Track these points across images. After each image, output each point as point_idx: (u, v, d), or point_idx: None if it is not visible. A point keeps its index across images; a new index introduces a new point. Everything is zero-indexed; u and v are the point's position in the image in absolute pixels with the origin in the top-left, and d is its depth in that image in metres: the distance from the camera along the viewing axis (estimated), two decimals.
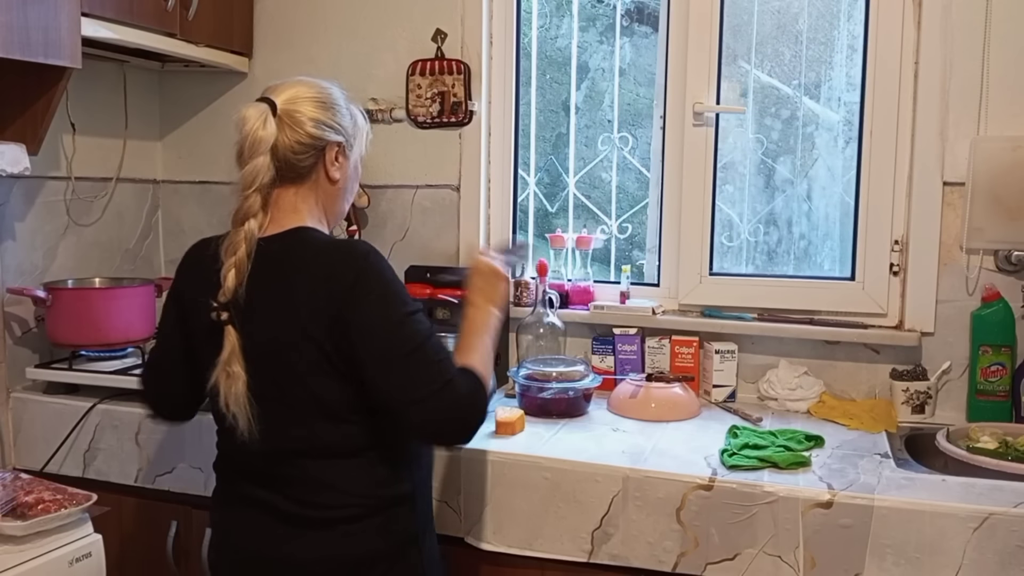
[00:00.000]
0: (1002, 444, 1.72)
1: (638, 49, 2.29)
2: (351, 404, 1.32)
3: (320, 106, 1.39)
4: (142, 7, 1.99)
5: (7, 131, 1.91)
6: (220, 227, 2.48)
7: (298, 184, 1.40)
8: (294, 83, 1.42)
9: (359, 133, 1.49)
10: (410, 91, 2.28)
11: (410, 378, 1.28)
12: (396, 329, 1.29)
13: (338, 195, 1.46)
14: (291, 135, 1.36)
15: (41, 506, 1.55)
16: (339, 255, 1.32)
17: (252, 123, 1.35)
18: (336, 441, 1.33)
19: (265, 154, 1.34)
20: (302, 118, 1.37)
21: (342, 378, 1.30)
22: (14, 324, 2.09)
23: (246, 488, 1.39)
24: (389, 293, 1.31)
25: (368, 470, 1.35)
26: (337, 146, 1.42)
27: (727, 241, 2.19)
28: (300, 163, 1.38)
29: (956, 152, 1.91)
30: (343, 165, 1.44)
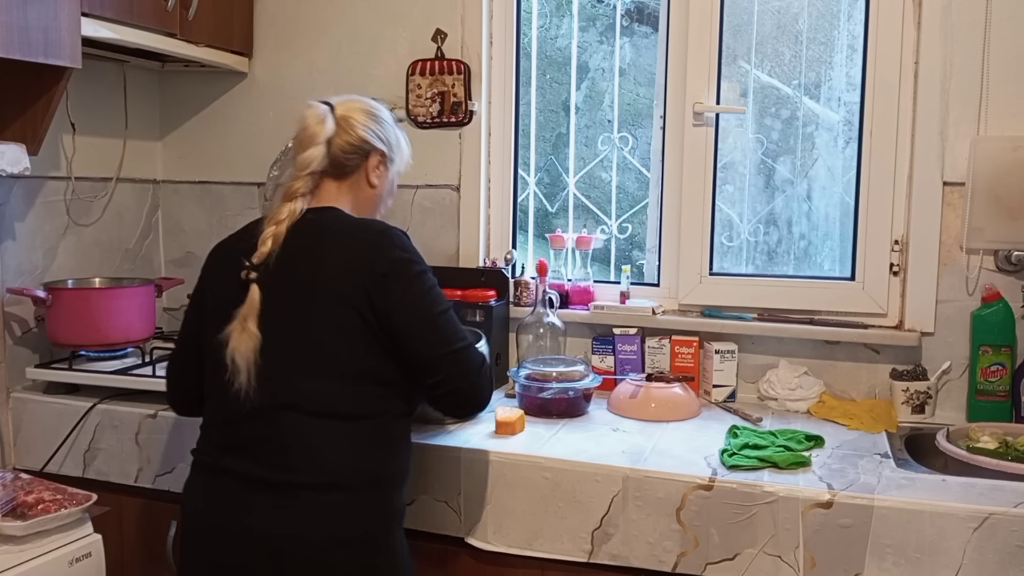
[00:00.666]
0: (1002, 444, 1.72)
1: (638, 49, 2.29)
2: (364, 367, 1.40)
3: (371, 118, 1.59)
4: (142, 7, 1.99)
5: (7, 131, 1.91)
6: (220, 227, 2.51)
7: (340, 180, 1.56)
8: (352, 98, 1.62)
9: (401, 152, 1.66)
10: (410, 91, 2.28)
11: (442, 334, 1.43)
12: (427, 293, 1.44)
13: (373, 201, 1.62)
14: (343, 136, 1.54)
15: (41, 506, 1.55)
16: (370, 229, 1.48)
17: (313, 118, 1.53)
18: (334, 401, 1.39)
19: (321, 145, 1.52)
20: (355, 123, 1.56)
21: (367, 341, 1.40)
22: (14, 324, 2.09)
23: (222, 459, 1.42)
24: (418, 265, 1.47)
25: (356, 440, 1.40)
26: (380, 155, 1.59)
27: (727, 241, 2.19)
28: (347, 162, 1.55)
29: (956, 152, 1.91)
30: (383, 174, 1.61)
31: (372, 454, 1.42)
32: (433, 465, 1.69)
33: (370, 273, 1.40)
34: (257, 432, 1.40)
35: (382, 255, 1.42)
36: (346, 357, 1.40)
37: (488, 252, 2.30)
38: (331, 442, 1.39)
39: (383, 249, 1.43)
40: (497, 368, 2.14)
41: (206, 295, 1.53)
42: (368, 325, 1.40)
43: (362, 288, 1.40)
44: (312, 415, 1.38)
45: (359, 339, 1.40)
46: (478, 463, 1.66)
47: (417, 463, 1.69)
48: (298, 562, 1.35)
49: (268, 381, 1.39)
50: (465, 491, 1.67)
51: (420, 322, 1.42)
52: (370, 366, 1.41)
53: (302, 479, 1.37)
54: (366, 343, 1.40)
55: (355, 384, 1.41)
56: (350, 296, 1.39)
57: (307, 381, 1.39)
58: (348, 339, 1.40)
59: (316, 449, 1.38)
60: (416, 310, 1.42)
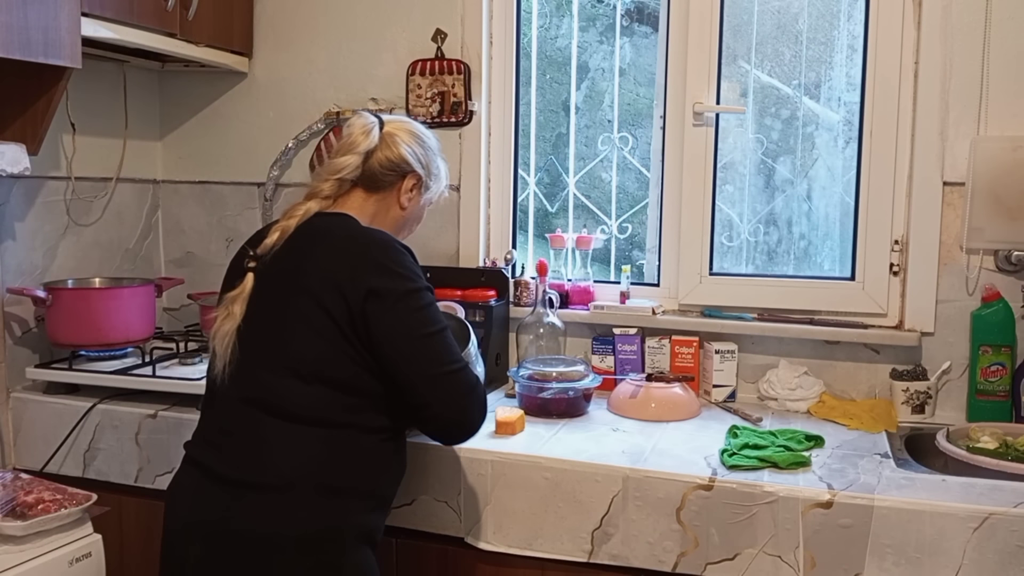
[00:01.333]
0: (1002, 444, 1.72)
1: (638, 49, 2.29)
2: (332, 374, 1.37)
3: (417, 141, 1.59)
4: (142, 7, 1.99)
5: (7, 131, 1.91)
6: (220, 227, 2.51)
7: (370, 193, 1.55)
8: (404, 119, 1.64)
9: (439, 182, 1.65)
10: (410, 91, 2.28)
11: (428, 356, 1.39)
12: (417, 312, 1.40)
13: (397, 222, 1.60)
14: (385, 151, 1.54)
15: (41, 506, 1.55)
16: (368, 240, 1.44)
17: (359, 127, 1.54)
18: (295, 402, 1.36)
19: (358, 155, 1.51)
20: (399, 141, 1.56)
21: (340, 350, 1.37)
22: (14, 324, 2.09)
23: (193, 449, 1.44)
24: (412, 282, 1.41)
25: (310, 446, 1.36)
26: (417, 178, 1.58)
27: (727, 241, 2.19)
28: (382, 178, 1.54)
29: (956, 152, 1.92)
30: (415, 198, 1.60)
31: (329, 464, 1.36)
32: (433, 465, 1.69)
33: (355, 283, 1.36)
34: (223, 424, 1.41)
35: (373, 267, 1.38)
36: (312, 360, 1.37)
37: (488, 252, 2.30)
38: (284, 444, 1.36)
39: (375, 261, 1.39)
40: (497, 368, 2.14)
41: (222, 289, 1.52)
42: (344, 335, 1.36)
43: (343, 297, 1.36)
44: (272, 414, 1.37)
45: (331, 346, 1.36)
46: (478, 463, 1.66)
47: (417, 463, 1.69)
48: (240, 560, 1.33)
49: (239, 372, 1.39)
50: (465, 491, 1.67)
51: (405, 342, 1.37)
52: (340, 375, 1.37)
53: (252, 478, 1.35)
54: (338, 352, 1.37)
55: (320, 389, 1.37)
56: (329, 302, 1.36)
57: (272, 378, 1.38)
58: (319, 344, 1.37)
59: (270, 449, 1.36)
60: (402, 329, 1.37)
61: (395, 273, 1.39)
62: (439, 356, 1.40)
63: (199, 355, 2.07)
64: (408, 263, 1.43)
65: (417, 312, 1.39)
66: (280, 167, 2.42)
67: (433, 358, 1.39)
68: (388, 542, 1.75)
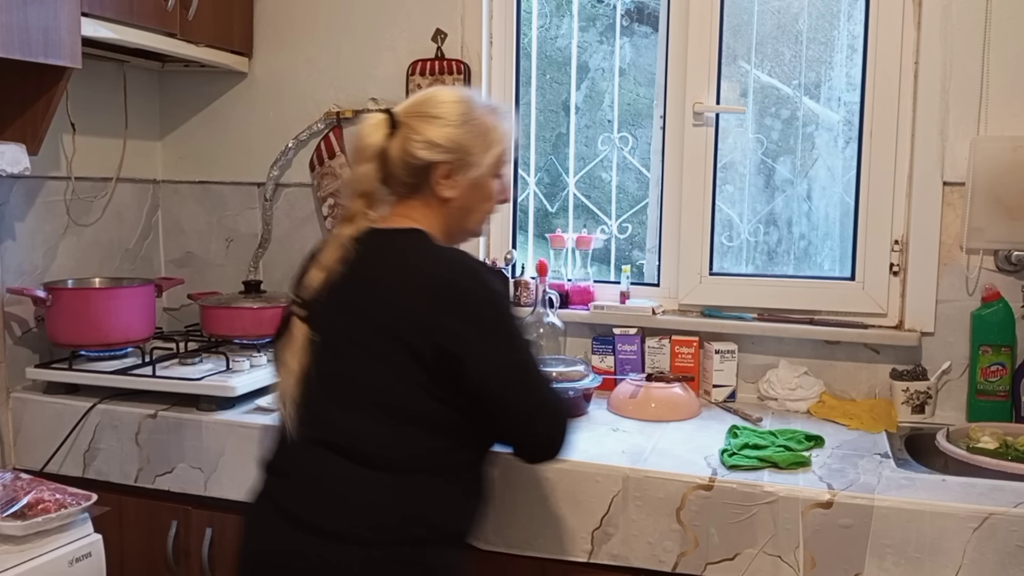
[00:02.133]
0: (1002, 444, 1.72)
1: (638, 49, 2.29)
2: (413, 411, 1.28)
3: (435, 122, 1.37)
4: (142, 7, 1.99)
5: (7, 131, 1.91)
6: (220, 227, 2.51)
7: (413, 197, 1.40)
8: (419, 97, 1.41)
9: (483, 152, 1.40)
10: (410, 91, 2.28)
11: (525, 385, 1.31)
12: (510, 340, 1.31)
13: (456, 215, 1.42)
14: (397, 151, 1.37)
15: (41, 506, 1.55)
16: (453, 269, 1.31)
17: (366, 128, 1.37)
18: (375, 444, 1.27)
19: (371, 162, 1.36)
20: (410, 136, 1.36)
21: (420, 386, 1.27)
22: (14, 324, 2.09)
23: (270, 481, 1.36)
24: (501, 310, 1.31)
25: (393, 491, 1.27)
26: (445, 167, 1.37)
27: (727, 241, 2.19)
28: (408, 179, 1.38)
29: (956, 152, 1.91)
30: (456, 184, 1.39)
31: (405, 510, 1.27)
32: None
33: (433, 320, 1.25)
34: (296, 461, 1.31)
35: (450, 303, 1.27)
36: (387, 398, 1.28)
37: (488, 252, 2.30)
38: (358, 488, 1.26)
39: (451, 296, 1.27)
40: None
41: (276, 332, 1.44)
42: (424, 372, 1.26)
43: (421, 333, 1.25)
44: (344, 456, 1.27)
45: (407, 383, 1.27)
46: None
47: None
48: None
49: (308, 413, 1.30)
50: None
51: (502, 374, 1.28)
52: (419, 412, 1.28)
53: (323, 522, 1.26)
54: (415, 389, 1.27)
55: (398, 429, 1.27)
56: (405, 338, 1.26)
57: (345, 418, 1.28)
58: (393, 381, 1.27)
59: (341, 493, 1.27)
60: (499, 360, 1.28)
61: (475, 302, 1.28)
62: (534, 383, 1.32)
63: (199, 355, 2.08)
64: (485, 287, 1.30)
65: (506, 341, 1.30)
66: (280, 167, 2.42)
67: (530, 386, 1.31)
68: None
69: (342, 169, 2.31)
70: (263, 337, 2.17)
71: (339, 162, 2.32)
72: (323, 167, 2.35)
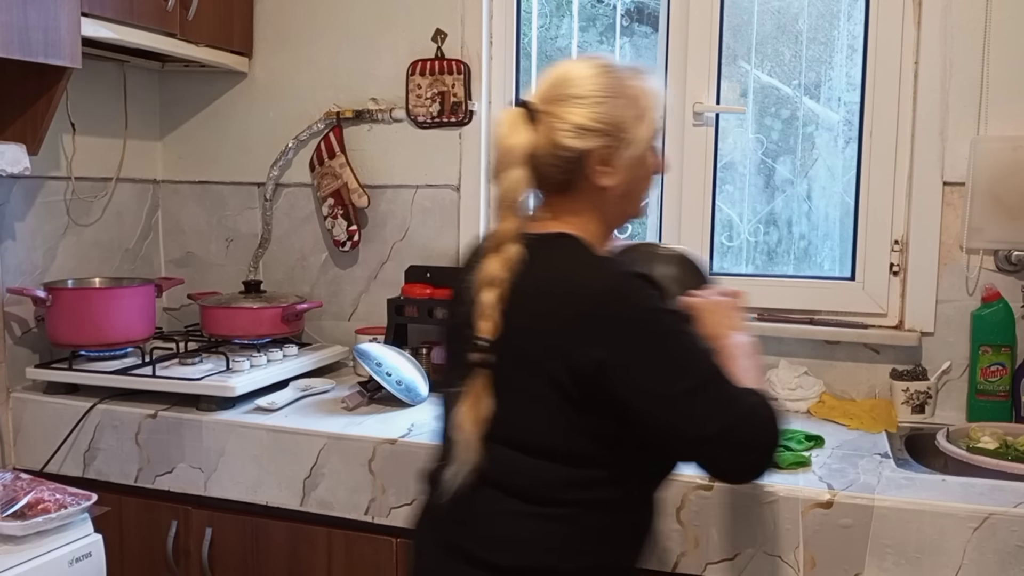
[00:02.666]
0: (1002, 444, 1.72)
1: (638, 49, 2.29)
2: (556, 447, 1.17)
3: (574, 104, 1.19)
4: (142, 7, 1.99)
5: (7, 131, 1.91)
6: (220, 227, 2.51)
7: (565, 194, 1.23)
8: (557, 76, 1.21)
9: (638, 124, 1.21)
10: (410, 91, 2.28)
11: (694, 416, 1.12)
12: (671, 362, 1.13)
13: (615, 204, 1.25)
14: (543, 144, 1.19)
15: (41, 506, 1.55)
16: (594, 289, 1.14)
17: (504, 128, 1.20)
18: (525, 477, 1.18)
19: (519, 165, 1.18)
20: (554, 124, 1.18)
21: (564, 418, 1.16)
22: (14, 324, 2.09)
23: (429, 500, 1.32)
24: (657, 323, 1.14)
25: (545, 527, 1.18)
26: (600, 153, 1.19)
27: (727, 241, 2.19)
28: (560, 175, 1.21)
29: (956, 152, 1.91)
30: (616, 170, 1.20)
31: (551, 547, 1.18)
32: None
33: (583, 347, 1.12)
34: (462, 496, 1.21)
35: (601, 326, 1.12)
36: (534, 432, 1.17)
37: None
38: (509, 521, 1.19)
39: (602, 317, 1.12)
40: None
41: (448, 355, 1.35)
42: (574, 406, 1.14)
43: (570, 363, 1.12)
44: (496, 487, 1.19)
45: (556, 417, 1.15)
46: None
47: (417, 463, 1.69)
48: None
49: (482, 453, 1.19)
50: None
51: (669, 405, 1.12)
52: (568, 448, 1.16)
53: (491, 557, 1.19)
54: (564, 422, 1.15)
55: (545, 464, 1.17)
56: (553, 369, 1.13)
57: (495, 450, 1.18)
58: (543, 414, 1.16)
59: (493, 525, 1.20)
60: (661, 389, 1.12)
61: (635, 320, 1.13)
62: (713, 410, 1.12)
63: (199, 355, 2.07)
64: (645, 301, 1.14)
65: (667, 365, 1.13)
66: (280, 167, 2.42)
67: (706, 416, 1.12)
68: (388, 542, 1.75)
69: (342, 169, 2.31)
70: (263, 337, 2.17)
71: (339, 162, 2.32)
72: (323, 167, 2.35)
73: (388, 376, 1.93)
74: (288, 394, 1.98)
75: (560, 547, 1.18)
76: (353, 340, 2.24)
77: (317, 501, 1.79)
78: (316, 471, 1.78)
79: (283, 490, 1.81)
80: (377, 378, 1.92)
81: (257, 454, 1.83)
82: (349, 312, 2.41)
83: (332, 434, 1.78)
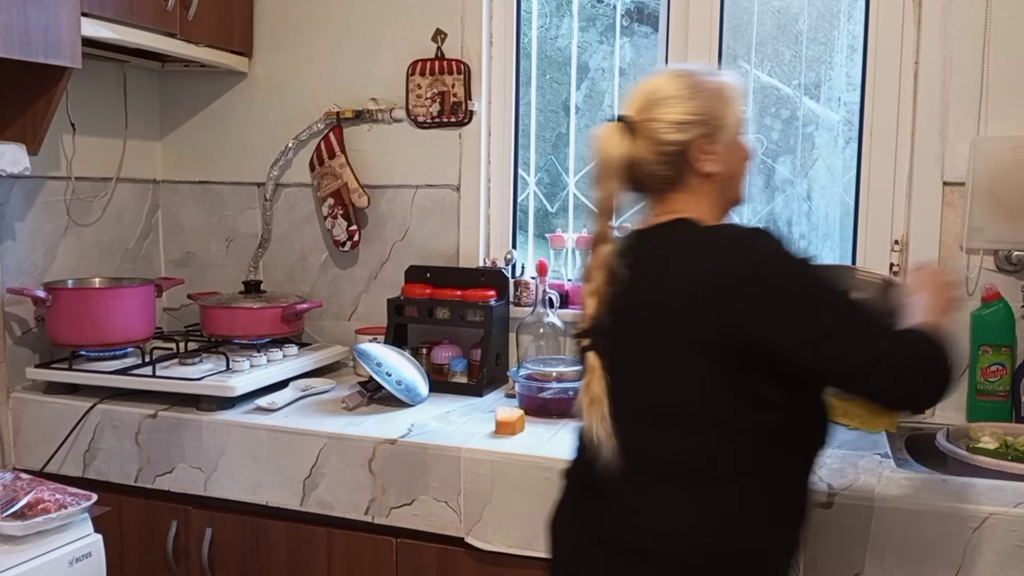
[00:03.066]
0: (1002, 444, 1.72)
1: (638, 49, 2.29)
2: (720, 418, 1.19)
3: (668, 104, 1.26)
4: (142, 7, 1.99)
5: (7, 131, 1.91)
6: (220, 227, 2.51)
7: (673, 188, 1.29)
8: (637, 91, 1.31)
9: (724, 112, 1.29)
10: (410, 91, 2.28)
11: (849, 345, 1.15)
12: (814, 297, 1.17)
13: (721, 186, 1.30)
14: (645, 150, 1.27)
15: (41, 506, 1.55)
16: (720, 242, 1.21)
17: (605, 143, 1.27)
18: (680, 455, 1.19)
19: (614, 179, 1.26)
20: (655, 128, 1.26)
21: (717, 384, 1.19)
22: (14, 324, 2.09)
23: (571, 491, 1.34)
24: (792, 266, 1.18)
25: (704, 505, 1.19)
26: (700, 144, 1.26)
27: None
28: (666, 172, 1.27)
29: (956, 152, 1.91)
30: (718, 156, 1.27)
31: (716, 526, 1.18)
32: (433, 465, 1.69)
33: (723, 299, 1.15)
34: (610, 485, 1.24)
35: (737, 273, 1.16)
36: (688, 405, 1.20)
37: (488, 252, 2.30)
38: (664, 503, 1.20)
39: (738, 264, 1.17)
40: (497, 368, 2.14)
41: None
42: (726, 368, 1.17)
43: (715, 327, 1.16)
44: (655, 473, 1.21)
45: (709, 387, 1.18)
46: (478, 463, 1.66)
47: (417, 463, 1.69)
48: None
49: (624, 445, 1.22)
50: (465, 491, 1.67)
51: (812, 339, 1.15)
52: (725, 416, 1.18)
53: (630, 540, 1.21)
54: (719, 389, 1.18)
55: (702, 437, 1.19)
56: (700, 337, 1.17)
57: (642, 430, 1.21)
58: (694, 384, 1.19)
59: (647, 510, 1.20)
60: (805, 324, 1.15)
61: (769, 264, 1.17)
62: (854, 342, 1.15)
63: (199, 355, 2.07)
64: (774, 246, 1.19)
65: (815, 296, 1.17)
66: (280, 167, 2.42)
67: (855, 348, 1.15)
68: (388, 542, 1.75)
69: (342, 169, 2.31)
70: (263, 337, 2.17)
71: (339, 162, 2.32)
72: (323, 167, 2.35)
73: (388, 376, 1.93)
74: (288, 394, 1.98)
75: (720, 527, 1.18)
76: (353, 340, 2.24)
77: (317, 501, 1.79)
78: (316, 471, 1.78)
79: (283, 490, 1.81)
80: (377, 378, 1.92)
81: (257, 454, 1.83)
82: (349, 312, 2.41)
83: (332, 434, 1.78)
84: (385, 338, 2.20)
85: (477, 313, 2.12)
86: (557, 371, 1.94)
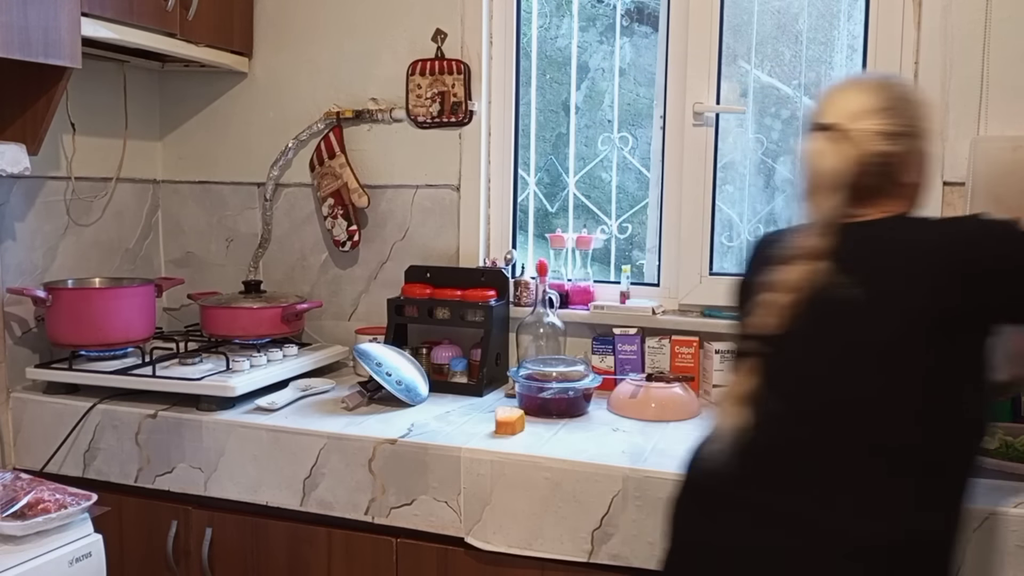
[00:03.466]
0: (1002, 444, 1.72)
1: (638, 49, 2.29)
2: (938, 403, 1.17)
3: (879, 116, 1.28)
4: (142, 7, 1.99)
5: (7, 131, 1.91)
6: (220, 227, 2.51)
7: (870, 201, 1.29)
8: (834, 96, 1.33)
9: (925, 123, 1.32)
10: (410, 91, 2.28)
11: None
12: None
13: (916, 195, 1.34)
14: (864, 157, 1.27)
15: (41, 506, 1.55)
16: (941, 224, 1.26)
17: (819, 158, 1.28)
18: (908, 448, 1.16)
19: (839, 186, 1.26)
20: (864, 141, 1.27)
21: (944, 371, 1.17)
22: (14, 324, 2.09)
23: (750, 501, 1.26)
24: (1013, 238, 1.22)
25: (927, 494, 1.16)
26: (907, 150, 1.29)
27: (727, 241, 2.19)
28: (866, 183, 1.28)
29: (956, 152, 1.91)
30: (920, 163, 1.32)
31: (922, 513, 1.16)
32: (433, 465, 1.69)
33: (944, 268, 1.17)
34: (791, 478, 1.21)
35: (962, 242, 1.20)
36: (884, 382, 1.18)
37: (488, 252, 2.30)
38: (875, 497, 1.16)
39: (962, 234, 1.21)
40: (497, 368, 2.14)
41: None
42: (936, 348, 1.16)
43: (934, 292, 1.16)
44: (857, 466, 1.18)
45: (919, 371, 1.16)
46: (478, 463, 1.66)
47: (417, 463, 1.69)
48: None
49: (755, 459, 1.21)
50: (465, 491, 1.67)
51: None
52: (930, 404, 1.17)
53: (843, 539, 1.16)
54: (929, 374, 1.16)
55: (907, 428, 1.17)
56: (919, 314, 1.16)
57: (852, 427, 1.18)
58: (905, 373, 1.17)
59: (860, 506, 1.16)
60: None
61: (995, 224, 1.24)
62: None
63: (199, 355, 2.08)
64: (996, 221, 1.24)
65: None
66: (280, 167, 2.42)
67: None
68: (388, 542, 1.75)
69: (342, 169, 2.31)
70: (263, 337, 2.17)
71: (339, 162, 2.32)
72: (323, 167, 2.35)
73: (388, 376, 1.93)
74: (288, 394, 1.98)
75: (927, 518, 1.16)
76: (353, 340, 2.24)
77: (317, 501, 1.79)
78: (316, 471, 1.78)
79: (283, 490, 1.81)
80: (377, 378, 1.92)
81: (257, 454, 1.83)
82: (349, 312, 2.41)
83: (332, 434, 1.78)
84: (385, 338, 2.20)
85: (477, 313, 2.12)
86: (557, 371, 1.94)
